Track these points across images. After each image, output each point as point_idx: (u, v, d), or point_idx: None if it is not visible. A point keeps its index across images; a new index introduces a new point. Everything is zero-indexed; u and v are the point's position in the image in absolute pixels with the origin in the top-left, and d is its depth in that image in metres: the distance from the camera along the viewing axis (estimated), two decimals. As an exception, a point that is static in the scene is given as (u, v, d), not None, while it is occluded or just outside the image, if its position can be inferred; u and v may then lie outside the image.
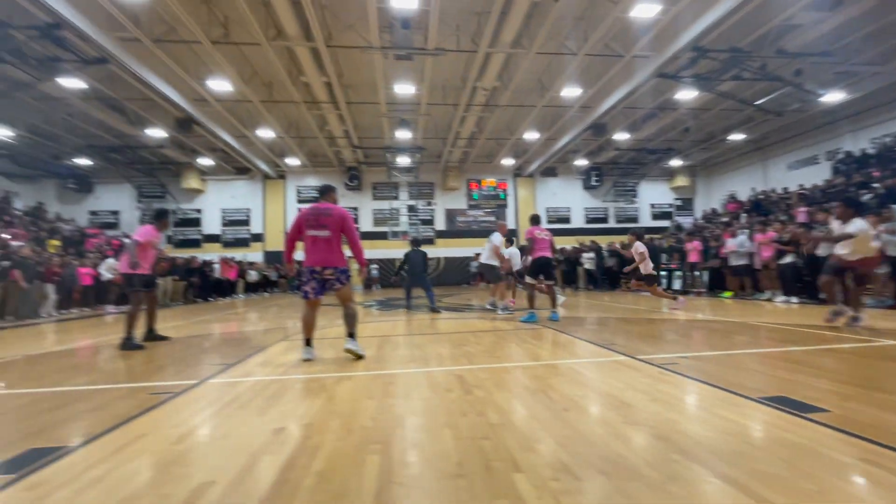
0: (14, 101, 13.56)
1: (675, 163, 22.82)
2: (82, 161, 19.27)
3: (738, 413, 2.29)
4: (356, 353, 3.94)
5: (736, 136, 18.65)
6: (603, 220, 24.50)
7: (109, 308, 10.72)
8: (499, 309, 7.87)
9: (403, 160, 20.14)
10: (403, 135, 17.50)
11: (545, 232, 6.74)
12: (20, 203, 17.61)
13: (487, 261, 8.17)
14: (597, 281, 15.17)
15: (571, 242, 19.68)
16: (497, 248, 8.02)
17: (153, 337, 5.46)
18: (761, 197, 18.00)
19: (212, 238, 22.27)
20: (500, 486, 1.60)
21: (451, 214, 23.86)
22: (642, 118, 17.45)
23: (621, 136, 18.64)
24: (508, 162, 22.39)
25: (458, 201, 23.95)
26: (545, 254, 6.60)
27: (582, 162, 22.62)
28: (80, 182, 20.56)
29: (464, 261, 22.71)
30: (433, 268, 22.71)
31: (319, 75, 13.07)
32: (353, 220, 4.18)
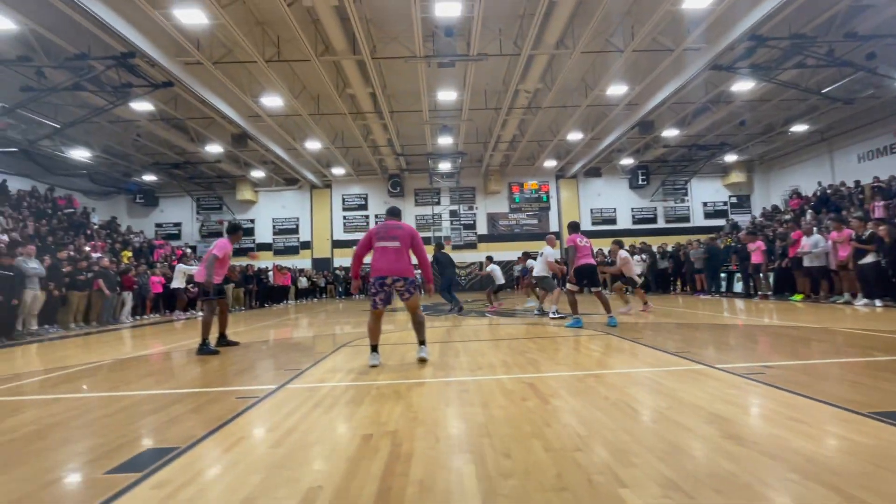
0: (92, 125, 14.87)
1: (730, 158, 21.66)
2: (149, 177, 20.82)
3: (852, 430, 2.13)
4: (425, 359, 4.12)
5: (798, 128, 17.46)
6: (651, 221, 23.60)
7: (178, 314, 11.47)
8: (550, 313, 7.90)
9: (445, 166, 20.31)
10: (445, 141, 17.66)
11: (586, 239, 6.84)
12: (96, 217, 19.21)
13: (539, 273, 8.56)
14: (648, 284, 14.61)
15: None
16: (549, 260, 8.42)
17: (225, 342, 5.78)
18: (829, 191, 16.71)
19: (264, 246, 23.36)
20: (608, 502, 1.57)
21: (492, 218, 23.78)
22: (693, 113, 16.71)
23: (670, 133, 17.92)
24: (550, 163, 22.07)
25: (500, 205, 23.83)
26: (589, 261, 6.63)
27: (627, 161, 21.93)
28: (147, 197, 22.21)
29: (506, 265, 22.52)
30: (475, 272, 22.70)
31: (365, 87, 13.46)
32: (421, 239, 4.28)
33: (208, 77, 12.39)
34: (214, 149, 17.70)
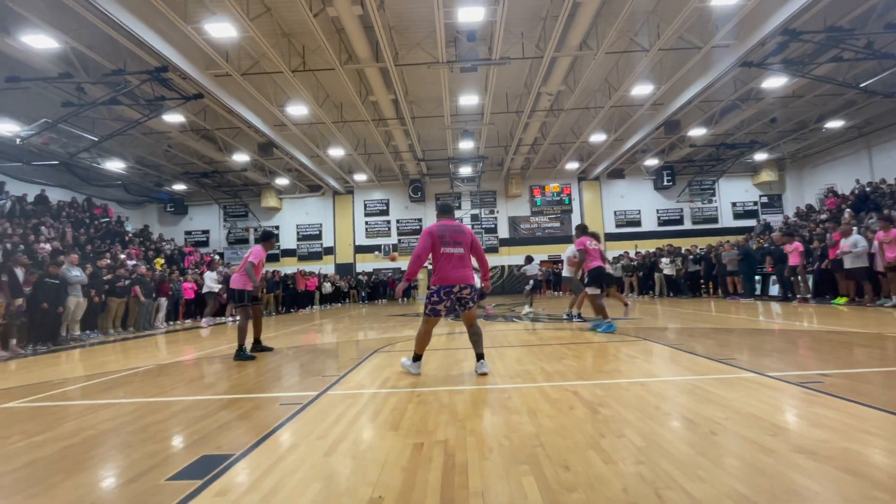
0: (127, 137, 15.44)
1: (760, 156, 21.01)
2: (178, 186, 21.49)
3: (933, 444, 2.00)
4: (485, 373, 3.83)
5: (834, 124, 16.81)
6: (677, 223, 23.05)
7: (207, 320, 11.74)
8: (574, 318, 7.76)
9: (466, 170, 20.31)
10: (466, 145, 17.67)
11: (595, 241, 6.87)
12: (129, 226, 19.91)
13: (566, 274, 8.40)
14: (678, 287, 14.24)
15: (646, 246, 18.70)
16: (569, 255, 8.16)
17: (260, 348, 5.88)
18: (868, 189, 16.01)
19: (289, 252, 23.78)
20: (683, 519, 1.51)
21: (514, 222, 23.64)
22: (721, 111, 16.29)
23: (697, 132, 17.50)
24: (572, 166, 21.83)
25: (522, 208, 23.68)
26: (600, 263, 6.66)
27: (652, 161, 21.50)
28: (177, 205, 22.91)
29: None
30: (498, 276, 22.57)
31: (387, 93, 13.59)
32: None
33: (236, 88, 12.72)
34: (241, 158, 18.14)
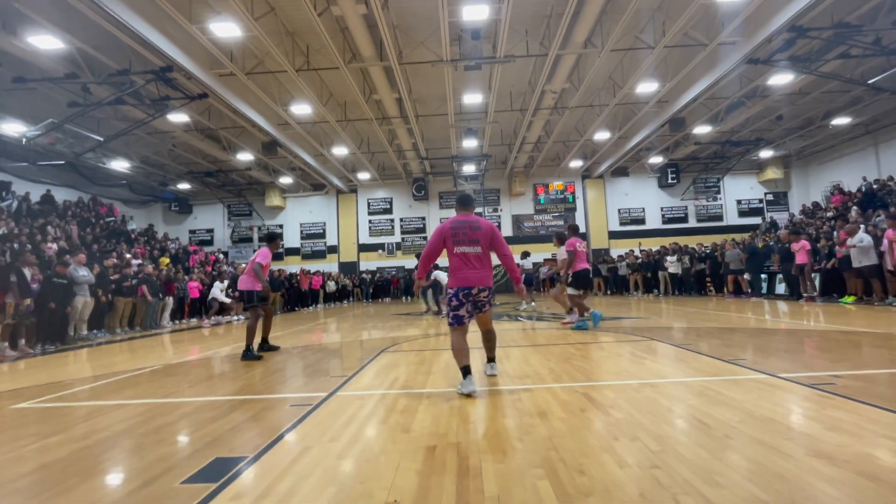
0: (132, 137, 15.48)
1: (765, 154, 20.88)
2: (183, 185, 21.55)
3: (952, 448, 1.98)
4: (495, 374, 3.84)
5: (840, 121, 16.69)
6: (682, 220, 22.97)
7: (211, 320, 11.78)
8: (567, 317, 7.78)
9: (469, 168, 20.28)
10: (470, 143, 17.64)
11: (583, 243, 6.93)
12: (134, 225, 19.99)
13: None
14: (684, 286, 14.19)
15: (650, 244, 18.62)
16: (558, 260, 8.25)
17: (267, 347, 5.90)
18: (876, 186, 15.89)
19: (292, 251, 23.83)
20: (702, 525, 1.50)
21: (517, 220, 23.60)
22: (726, 109, 16.17)
23: (702, 130, 17.41)
24: (576, 164, 21.76)
25: (525, 206, 23.63)
26: (586, 265, 6.80)
27: (656, 159, 21.41)
28: (181, 204, 22.98)
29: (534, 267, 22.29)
30: (501, 274, 22.54)
31: (391, 92, 13.56)
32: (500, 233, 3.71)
33: (241, 87, 12.73)
34: (245, 157, 18.18)
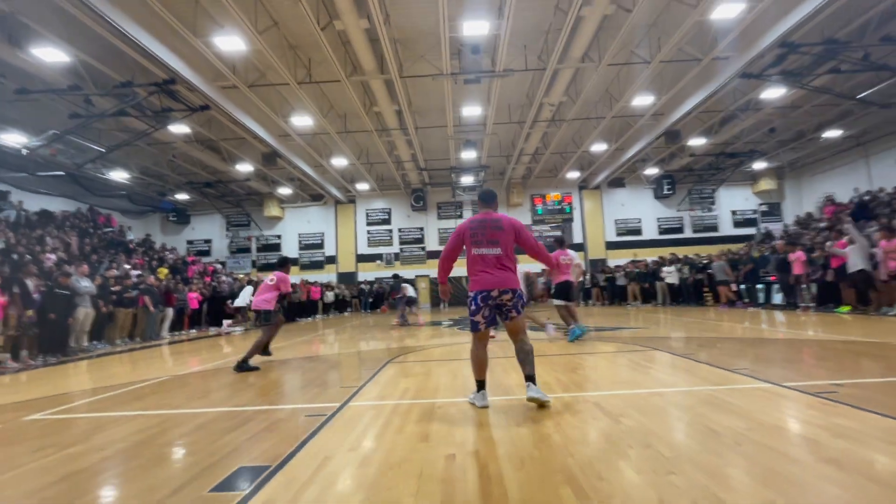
0: (132, 148, 15.53)
1: (759, 165, 21.24)
2: (181, 196, 21.56)
3: (954, 454, 2.07)
4: (541, 400, 3.09)
5: (831, 133, 17.05)
6: (678, 231, 23.21)
7: (211, 329, 11.76)
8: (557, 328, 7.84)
9: (467, 179, 20.45)
10: (468, 155, 17.82)
11: (569, 255, 7.10)
12: (132, 235, 19.94)
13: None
14: (681, 296, 14.32)
15: (646, 255, 18.80)
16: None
17: (264, 353, 6.05)
18: (867, 197, 16.19)
19: (290, 262, 23.76)
20: (722, 528, 1.57)
21: (515, 230, 23.70)
22: (721, 121, 16.51)
23: (697, 142, 17.73)
24: (573, 175, 22.01)
25: (522, 217, 23.76)
26: (569, 278, 7.01)
27: (652, 170, 21.72)
28: (179, 215, 22.96)
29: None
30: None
31: (391, 104, 13.74)
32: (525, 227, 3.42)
33: (242, 99, 12.87)
34: (245, 167, 18.26)
